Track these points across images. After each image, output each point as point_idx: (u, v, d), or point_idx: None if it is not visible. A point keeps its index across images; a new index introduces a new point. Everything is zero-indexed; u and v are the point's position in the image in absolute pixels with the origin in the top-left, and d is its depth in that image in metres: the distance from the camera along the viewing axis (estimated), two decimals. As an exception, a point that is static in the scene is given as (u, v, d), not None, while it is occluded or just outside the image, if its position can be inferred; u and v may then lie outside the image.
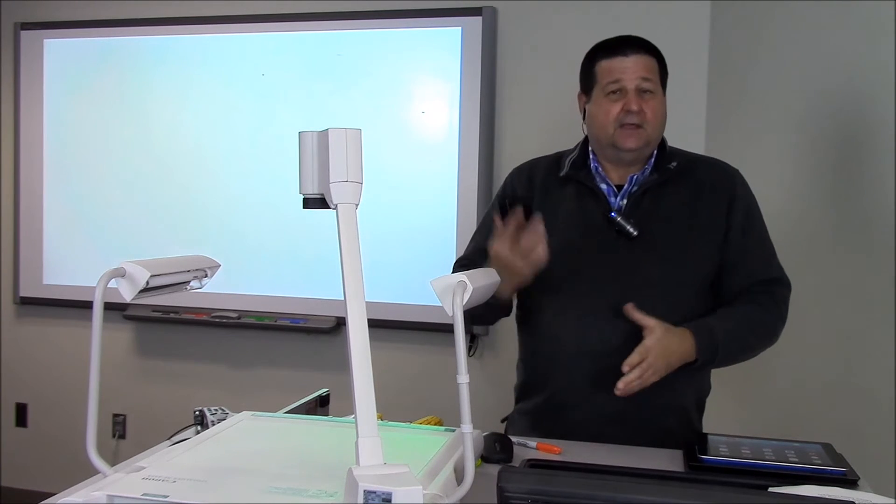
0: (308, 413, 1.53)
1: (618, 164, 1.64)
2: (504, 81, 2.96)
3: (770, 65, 2.45)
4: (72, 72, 3.34)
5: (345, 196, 1.00)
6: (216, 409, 1.45)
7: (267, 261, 3.15)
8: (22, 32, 3.38)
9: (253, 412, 1.38)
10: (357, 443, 0.92)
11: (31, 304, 3.45)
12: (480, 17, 2.90)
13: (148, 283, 1.08)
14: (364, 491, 0.86)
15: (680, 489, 0.85)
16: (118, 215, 3.30)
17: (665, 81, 1.63)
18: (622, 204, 1.62)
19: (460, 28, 2.94)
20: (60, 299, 3.37)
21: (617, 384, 1.44)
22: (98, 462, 1.03)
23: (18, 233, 3.41)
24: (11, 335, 3.54)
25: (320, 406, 1.61)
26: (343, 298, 0.97)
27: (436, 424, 1.47)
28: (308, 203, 1.05)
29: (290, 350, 3.20)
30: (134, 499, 0.95)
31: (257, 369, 3.25)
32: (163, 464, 1.07)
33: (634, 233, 1.57)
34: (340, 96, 3.06)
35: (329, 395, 1.63)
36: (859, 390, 2.11)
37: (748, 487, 1.14)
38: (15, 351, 3.53)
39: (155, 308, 3.22)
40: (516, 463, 1.36)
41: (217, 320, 3.16)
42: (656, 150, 1.65)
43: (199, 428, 1.42)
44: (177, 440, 1.36)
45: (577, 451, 1.47)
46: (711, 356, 1.53)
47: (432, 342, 3.01)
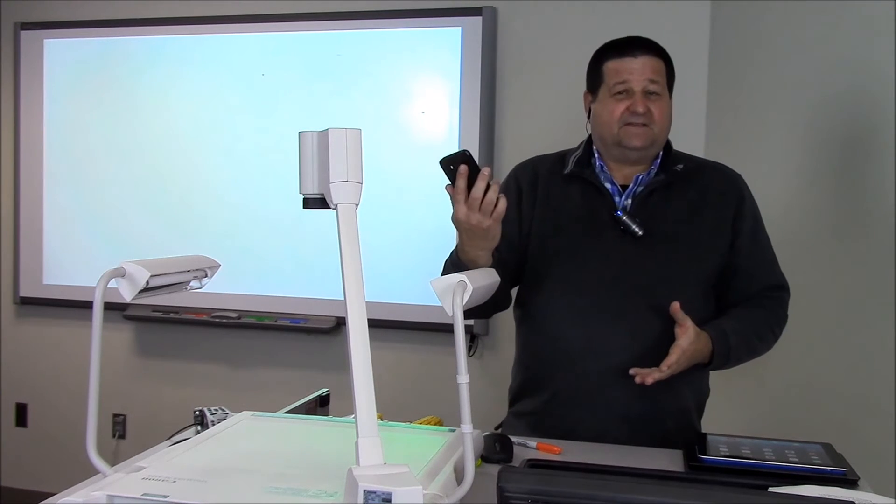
0: (308, 413, 1.53)
1: (623, 164, 1.64)
2: (504, 81, 2.96)
3: (770, 65, 2.45)
4: (72, 72, 3.34)
5: (345, 196, 1.00)
6: (216, 409, 1.45)
7: (267, 261, 3.15)
8: (22, 32, 3.37)
9: (253, 412, 1.38)
10: (357, 443, 0.92)
11: (31, 304, 3.45)
12: (480, 17, 2.90)
13: (148, 283, 1.08)
14: (364, 491, 0.86)
15: (680, 489, 0.85)
16: (118, 215, 3.30)
17: (672, 84, 1.63)
18: (627, 203, 1.61)
19: (460, 28, 2.94)
20: (60, 299, 3.37)
21: (645, 378, 1.44)
22: (98, 462, 1.03)
23: (18, 233, 3.41)
24: (11, 335, 3.54)
25: (320, 406, 1.61)
26: (343, 298, 0.97)
27: (436, 424, 1.47)
28: (308, 203, 1.05)
29: (290, 350, 3.20)
30: (134, 499, 0.95)
31: (257, 369, 3.25)
32: (163, 464, 1.07)
33: (640, 232, 1.57)
34: (340, 96, 3.06)
35: (329, 395, 1.63)
36: (859, 390, 2.11)
37: (748, 487, 1.14)
38: (15, 351, 3.53)
39: (155, 308, 3.22)
40: (516, 463, 1.36)
41: (217, 320, 3.16)
42: (662, 151, 1.65)
43: (199, 428, 1.42)
44: (177, 440, 1.36)
45: (577, 451, 1.47)
46: (723, 361, 1.56)
47: (432, 342, 3.01)
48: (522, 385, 1.72)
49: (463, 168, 1.36)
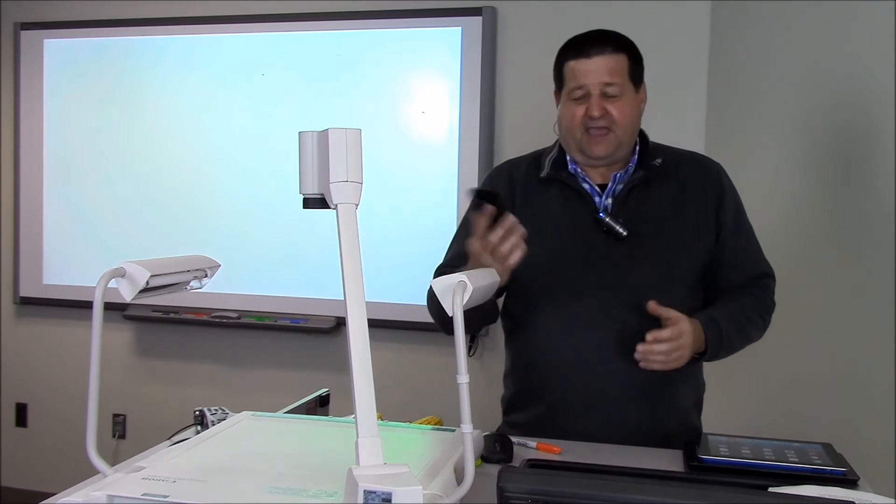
0: (308, 413, 1.53)
1: (593, 167, 1.61)
2: (504, 81, 2.96)
3: (770, 65, 2.45)
4: (72, 72, 3.34)
5: (345, 196, 1.00)
6: (216, 409, 1.45)
7: (267, 261, 3.15)
8: (22, 32, 3.38)
9: (253, 412, 1.38)
10: (357, 443, 0.92)
11: (31, 304, 3.45)
12: (480, 17, 2.90)
13: (148, 283, 1.08)
14: (364, 491, 0.86)
15: (680, 489, 0.85)
16: (118, 215, 3.30)
17: (638, 75, 1.58)
18: (608, 203, 1.59)
19: (460, 28, 2.94)
20: (60, 299, 3.37)
21: (637, 347, 1.42)
22: (98, 462, 1.03)
23: (18, 233, 3.41)
24: (11, 335, 3.54)
25: (320, 406, 1.61)
26: (343, 298, 0.97)
27: (436, 424, 1.47)
28: (308, 203, 1.05)
29: (290, 350, 3.20)
30: (134, 499, 0.95)
31: (257, 369, 3.25)
32: (163, 464, 1.07)
33: (624, 233, 1.54)
34: (340, 96, 3.06)
35: (329, 395, 1.63)
36: (859, 390, 2.11)
37: (748, 487, 1.14)
38: (15, 351, 3.53)
39: (155, 308, 3.22)
40: (516, 463, 1.36)
41: (217, 320, 3.16)
42: (638, 146, 1.62)
43: (199, 428, 1.42)
44: (177, 440, 1.36)
45: (577, 451, 1.47)
46: (717, 347, 1.53)
47: (432, 342, 3.01)
48: (516, 395, 1.69)
49: (489, 208, 1.38)
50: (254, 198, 3.15)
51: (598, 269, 1.56)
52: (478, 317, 1.57)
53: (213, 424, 1.40)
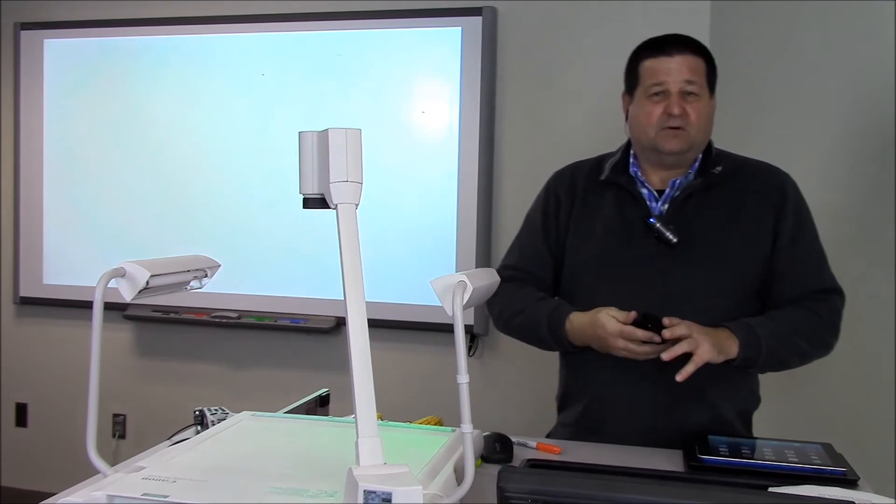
0: (308, 413, 1.53)
1: (659, 168, 1.59)
2: (504, 81, 2.96)
3: (770, 65, 2.45)
4: (72, 72, 3.34)
5: (345, 196, 1.00)
6: (216, 409, 1.45)
7: (267, 261, 3.15)
8: (22, 32, 3.37)
9: (253, 412, 1.38)
10: (357, 443, 0.92)
11: (31, 304, 3.45)
12: (480, 17, 2.90)
13: (148, 283, 1.08)
14: (364, 491, 0.86)
15: (680, 489, 0.85)
16: (118, 215, 3.30)
17: (713, 82, 1.57)
18: (663, 209, 1.56)
19: (460, 28, 2.94)
20: (60, 299, 3.37)
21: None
22: (98, 462, 1.03)
23: (18, 233, 3.41)
24: (11, 335, 3.54)
25: (320, 406, 1.61)
26: (343, 298, 0.97)
27: (436, 424, 1.47)
28: (308, 203, 1.05)
29: (290, 350, 3.20)
30: (134, 499, 0.95)
31: (257, 369, 3.25)
32: (163, 464, 1.07)
33: (674, 239, 1.51)
34: (340, 96, 3.06)
35: (329, 395, 1.63)
36: (859, 390, 2.11)
37: (748, 487, 1.14)
38: (15, 351, 3.53)
39: (155, 308, 3.22)
40: (516, 463, 1.36)
41: (217, 320, 3.16)
42: (702, 153, 1.59)
43: (199, 428, 1.42)
44: (177, 440, 1.36)
45: (577, 452, 1.47)
46: (755, 352, 1.46)
47: (432, 342, 3.01)
48: (563, 395, 1.71)
49: (642, 333, 1.43)
50: (254, 198, 3.15)
51: (643, 274, 1.54)
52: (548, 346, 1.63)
53: (213, 424, 1.40)
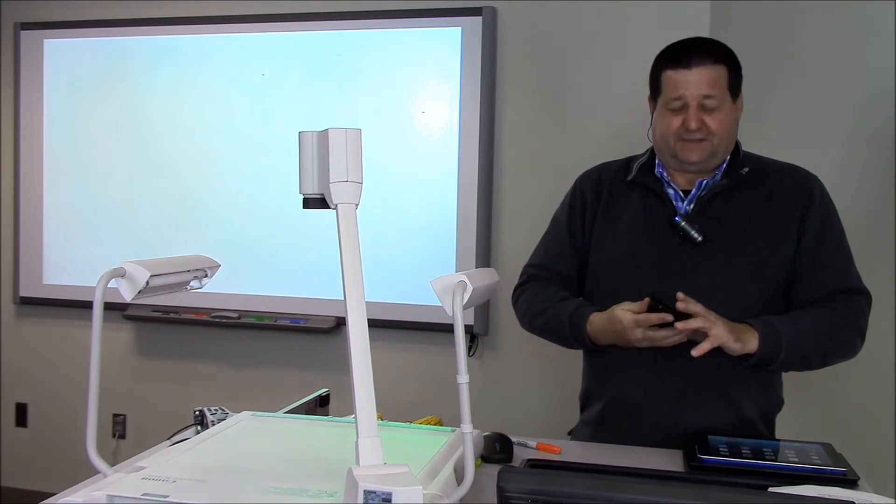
0: (308, 413, 1.53)
1: (683, 172, 1.60)
2: (504, 81, 2.96)
3: (769, 64, 2.45)
4: (72, 72, 3.34)
5: (345, 196, 1.00)
6: (216, 409, 1.45)
7: (267, 261, 3.15)
8: (22, 32, 3.37)
9: (253, 412, 1.38)
10: (357, 443, 0.92)
11: (31, 304, 3.45)
12: (480, 17, 2.90)
13: (148, 283, 1.08)
14: (364, 491, 0.86)
15: (680, 489, 0.85)
16: (118, 215, 3.30)
17: (737, 86, 1.57)
18: (689, 209, 1.57)
19: (460, 28, 2.94)
20: (60, 299, 3.37)
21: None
22: (98, 462, 1.03)
23: (18, 233, 3.41)
24: (11, 335, 3.54)
25: (320, 406, 1.61)
26: (343, 298, 0.97)
27: (436, 424, 1.47)
28: (308, 203, 1.05)
29: (290, 350, 3.20)
30: (134, 499, 0.95)
31: (257, 369, 3.25)
32: (163, 464, 1.07)
33: (699, 238, 1.52)
34: (340, 96, 3.06)
35: (329, 395, 1.63)
36: (859, 390, 2.11)
37: (748, 487, 1.14)
38: (15, 351, 3.53)
39: (155, 308, 3.22)
40: (516, 463, 1.36)
41: (217, 320, 3.16)
42: (729, 155, 1.59)
43: (199, 428, 1.42)
44: (177, 440, 1.36)
45: (577, 451, 1.47)
46: (775, 347, 1.44)
47: (432, 342, 3.01)
48: (585, 393, 1.71)
49: (655, 316, 1.43)
50: (254, 198, 3.15)
51: (667, 272, 1.54)
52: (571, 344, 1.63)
53: (213, 424, 1.40)
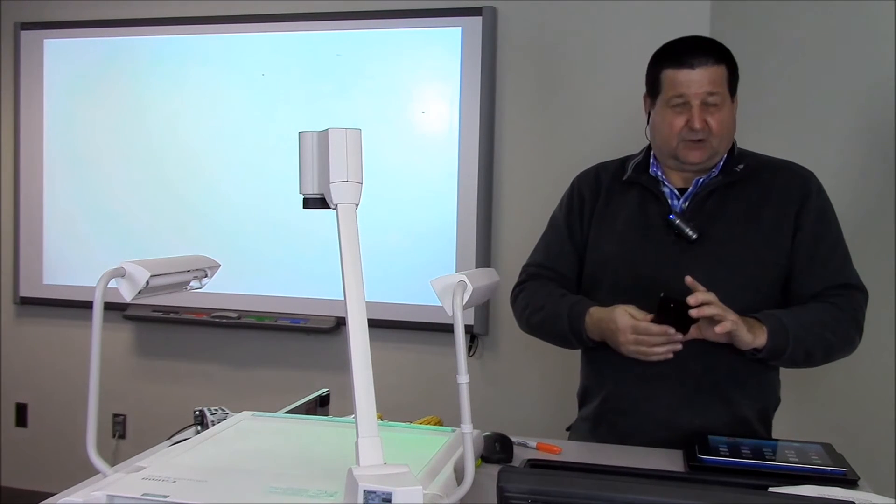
0: (308, 413, 1.53)
1: (680, 171, 1.61)
2: (504, 81, 2.96)
3: (769, 65, 2.45)
4: (72, 72, 3.34)
5: (345, 196, 1.00)
6: (216, 409, 1.45)
7: (267, 261, 3.15)
8: (22, 32, 3.37)
9: (253, 412, 1.38)
10: (357, 443, 0.92)
11: (31, 304, 3.45)
12: (480, 17, 2.90)
13: (148, 283, 1.08)
14: (364, 491, 0.86)
15: (680, 489, 0.85)
16: (118, 215, 3.30)
17: (734, 85, 1.58)
18: (684, 206, 1.58)
19: (460, 28, 2.94)
20: (60, 299, 3.37)
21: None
22: (98, 462, 1.03)
23: (18, 233, 3.41)
24: (11, 335, 3.54)
25: (320, 406, 1.61)
26: (343, 298, 0.97)
27: (436, 424, 1.47)
28: (308, 203, 1.05)
29: (290, 350, 3.20)
30: (134, 499, 0.95)
31: (257, 369, 3.25)
32: (163, 464, 1.07)
33: (694, 236, 1.53)
34: (340, 96, 3.06)
35: (329, 395, 1.63)
36: (859, 390, 2.12)
37: (748, 487, 1.14)
38: (15, 351, 3.53)
39: (155, 308, 3.22)
40: (516, 463, 1.36)
41: (217, 320, 3.16)
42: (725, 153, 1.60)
43: (199, 428, 1.42)
44: (177, 440, 1.36)
45: (577, 451, 1.47)
46: (783, 341, 1.45)
47: (432, 342, 3.01)
48: (584, 390, 1.72)
49: (657, 328, 1.43)
50: (254, 198, 3.15)
51: (663, 270, 1.54)
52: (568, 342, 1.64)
53: (213, 424, 1.40)
